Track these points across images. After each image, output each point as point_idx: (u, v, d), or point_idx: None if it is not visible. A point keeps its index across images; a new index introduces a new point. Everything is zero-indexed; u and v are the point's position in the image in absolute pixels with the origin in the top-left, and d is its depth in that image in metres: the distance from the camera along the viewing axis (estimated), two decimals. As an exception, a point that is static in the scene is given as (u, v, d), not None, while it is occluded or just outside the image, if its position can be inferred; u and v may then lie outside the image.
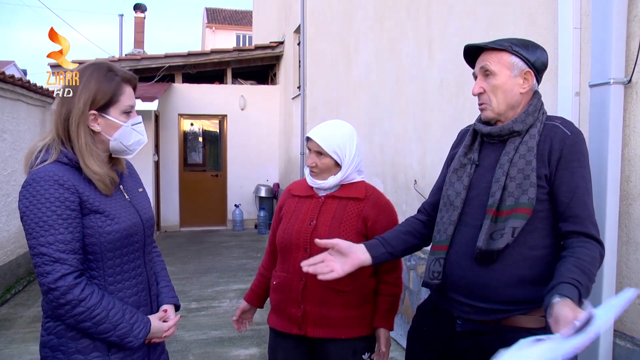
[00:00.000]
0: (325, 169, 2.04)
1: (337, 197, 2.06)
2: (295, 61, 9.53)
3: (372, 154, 5.19)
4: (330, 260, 1.72)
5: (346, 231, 1.99)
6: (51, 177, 1.48)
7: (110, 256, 1.57)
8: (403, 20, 4.40)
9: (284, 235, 2.06)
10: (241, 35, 29.23)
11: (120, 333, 1.53)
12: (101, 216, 1.55)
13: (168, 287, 1.85)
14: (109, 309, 1.51)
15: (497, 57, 1.62)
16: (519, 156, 1.57)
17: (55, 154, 1.53)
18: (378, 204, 2.07)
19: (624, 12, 1.96)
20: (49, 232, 1.45)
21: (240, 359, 4.02)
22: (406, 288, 4.23)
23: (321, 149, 2.00)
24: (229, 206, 10.70)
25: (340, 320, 1.98)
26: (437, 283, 1.68)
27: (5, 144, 5.97)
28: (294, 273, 2.01)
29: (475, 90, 1.68)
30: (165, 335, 1.69)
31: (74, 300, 1.45)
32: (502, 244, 1.52)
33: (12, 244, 6.17)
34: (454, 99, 3.51)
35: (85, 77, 1.56)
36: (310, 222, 2.03)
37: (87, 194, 1.53)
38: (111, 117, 1.58)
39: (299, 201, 2.12)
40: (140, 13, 15.99)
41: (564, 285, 1.37)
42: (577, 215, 1.52)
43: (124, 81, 1.61)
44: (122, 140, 1.61)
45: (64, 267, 1.45)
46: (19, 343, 4.35)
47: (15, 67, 28.56)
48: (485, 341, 1.59)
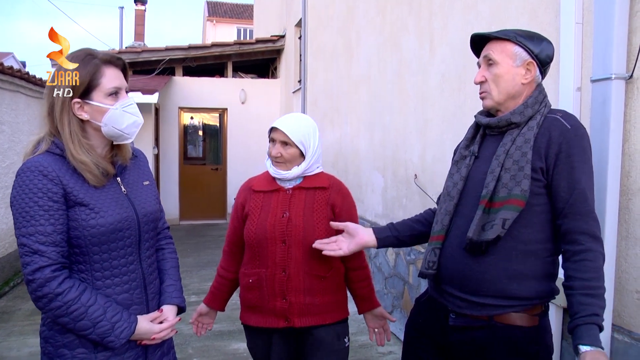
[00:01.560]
0: (290, 159, 2.06)
1: (305, 188, 2.10)
2: (296, 55, 9.51)
3: (372, 148, 5.19)
4: (341, 241, 1.90)
5: (319, 219, 2.04)
6: (36, 168, 1.46)
7: (97, 250, 1.52)
8: (404, 14, 4.39)
9: (257, 230, 2.03)
10: (242, 28, 29.15)
11: (100, 331, 1.47)
12: (85, 209, 1.50)
13: (173, 287, 1.76)
14: (87, 305, 1.46)
15: (500, 47, 1.63)
16: (515, 148, 1.56)
17: (45, 145, 1.52)
18: (341, 190, 2.15)
19: (626, 7, 1.95)
20: (30, 223, 1.43)
21: (240, 352, 4.03)
22: (406, 282, 4.24)
23: (288, 139, 2.03)
24: (229, 200, 10.69)
25: (323, 306, 2.04)
26: (432, 273, 1.69)
27: (3, 136, 5.96)
28: (274, 267, 2.01)
29: (477, 79, 1.68)
30: (155, 337, 1.60)
31: (50, 294, 1.42)
32: (492, 234, 1.52)
33: (11, 237, 6.17)
34: (455, 93, 3.50)
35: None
36: (283, 214, 2.04)
37: (71, 186, 1.49)
38: (95, 102, 1.53)
39: (264, 196, 2.11)
40: (141, 5, 15.97)
41: (588, 327, 1.40)
42: (578, 211, 1.50)
43: (104, 63, 1.54)
44: (113, 124, 1.55)
45: (42, 260, 1.42)
46: (17, 336, 4.36)
47: (14, 58, 28.51)
48: (478, 336, 1.60)
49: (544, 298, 1.60)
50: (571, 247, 1.50)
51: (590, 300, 1.44)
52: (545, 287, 1.58)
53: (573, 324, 1.43)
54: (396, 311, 4.42)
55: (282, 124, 2.05)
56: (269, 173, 2.14)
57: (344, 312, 2.14)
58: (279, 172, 2.08)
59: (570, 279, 1.49)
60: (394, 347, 4.14)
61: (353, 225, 1.93)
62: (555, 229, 1.57)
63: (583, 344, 1.38)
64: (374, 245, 1.91)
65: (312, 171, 2.12)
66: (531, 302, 1.57)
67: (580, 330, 1.41)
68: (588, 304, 1.43)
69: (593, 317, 1.42)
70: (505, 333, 1.56)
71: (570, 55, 2.25)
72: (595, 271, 1.47)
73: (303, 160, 2.07)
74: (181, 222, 10.43)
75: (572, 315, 1.46)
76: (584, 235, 1.49)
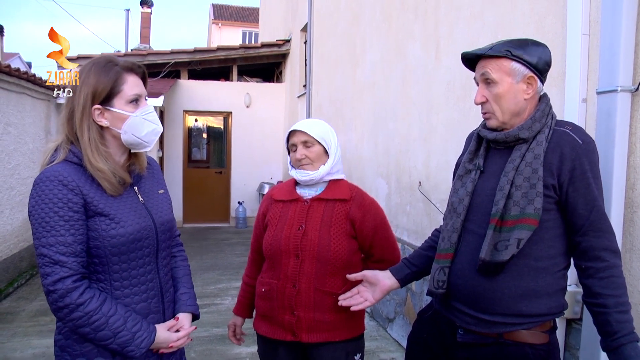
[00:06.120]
0: (315, 158, 2.03)
1: (324, 200, 2.04)
2: (301, 60, 9.53)
3: (376, 154, 5.19)
4: (364, 291, 1.87)
5: (336, 234, 1.98)
6: (56, 177, 1.44)
7: (116, 260, 1.52)
8: (410, 22, 4.40)
9: (273, 242, 2.01)
10: (247, 32, 29.23)
11: (120, 341, 1.47)
12: (106, 219, 1.50)
13: (187, 295, 1.76)
14: (108, 316, 1.46)
15: (497, 65, 1.56)
16: (525, 164, 1.52)
17: (63, 153, 1.50)
18: (363, 204, 2.05)
19: (633, 19, 1.95)
20: (50, 233, 1.42)
21: (242, 356, 4.03)
22: (409, 289, 4.23)
23: (308, 137, 2.01)
24: (233, 203, 10.72)
25: (333, 323, 1.97)
26: (441, 292, 1.66)
27: (10, 137, 5.99)
28: (285, 280, 1.98)
29: (478, 100, 1.62)
30: (172, 346, 1.61)
31: (71, 304, 1.41)
32: (507, 255, 1.48)
33: (16, 238, 6.19)
34: (460, 102, 3.51)
35: (85, 73, 1.53)
36: (299, 227, 1.99)
37: (92, 195, 1.48)
38: (116, 109, 1.53)
39: (283, 206, 2.08)
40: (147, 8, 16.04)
41: (634, 346, 1.41)
42: (599, 228, 1.49)
43: (126, 70, 1.55)
44: (133, 132, 1.55)
45: (63, 270, 1.41)
46: (21, 337, 4.37)
47: (20, 59, 28.62)
48: (486, 353, 1.58)
49: (555, 314, 1.58)
50: (594, 264, 1.49)
51: (626, 317, 1.44)
52: (556, 303, 1.57)
53: (616, 343, 1.42)
54: (399, 318, 4.42)
55: (299, 125, 2.03)
56: (292, 181, 2.12)
57: (358, 328, 2.07)
58: (307, 173, 2.02)
59: (600, 297, 1.47)
60: (396, 353, 4.14)
61: (370, 273, 1.88)
62: (569, 243, 1.55)
63: None
64: (397, 287, 1.88)
65: (336, 173, 2.07)
66: (542, 318, 1.55)
67: (626, 350, 1.40)
68: (626, 322, 1.43)
69: (634, 335, 1.42)
70: (514, 350, 1.54)
71: (576, 67, 2.25)
72: (623, 287, 1.47)
73: (327, 158, 2.05)
74: (185, 224, 10.45)
75: (611, 334, 1.44)
76: (606, 251, 1.48)
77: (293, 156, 2.05)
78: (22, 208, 6.23)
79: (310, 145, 2.02)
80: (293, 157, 2.05)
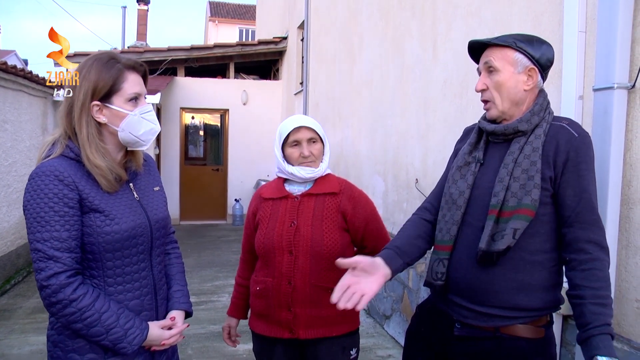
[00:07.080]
0: (318, 156, 2.03)
1: (314, 195, 2.03)
2: (298, 57, 9.52)
3: (373, 152, 5.20)
4: (355, 284, 1.57)
5: (328, 228, 1.98)
6: (52, 172, 1.43)
7: (110, 257, 1.51)
8: (408, 19, 4.40)
9: (265, 241, 2.00)
10: (244, 29, 29.16)
11: (112, 338, 1.47)
12: (100, 215, 1.49)
13: (181, 292, 1.76)
14: (101, 312, 1.45)
15: (500, 54, 1.59)
16: (524, 156, 1.54)
17: (60, 148, 1.50)
18: (352, 196, 2.05)
19: (629, 17, 1.96)
20: (45, 228, 1.41)
21: (239, 353, 4.03)
22: (405, 286, 4.24)
23: (314, 134, 2.01)
24: (229, 201, 10.72)
25: (330, 318, 1.97)
26: (440, 284, 1.67)
27: (6, 135, 5.97)
28: (280, 277, 1.97)
29: (479, 87, 1.65)
30: (164, 343, 1.60)
31: (64, 300, 1.41)
32: (502, 245, 1.50)
33: (12, 235, 6.18)
34: (457, 99, 3.51)
35: (86, 68, 1.52)
36: (291, 223, 1.98)
37: (87, 191, 1.47)
38: (115, 107, 1.52)
39: (273, 204, 2.06)
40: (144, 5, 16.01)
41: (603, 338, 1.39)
42: (585, 220, 1.49)
43: (127, 68, 1.54)
44: (131, 130, 1.54)
45: (57, 265, 1.41)
46: (19, 334, 4.37)
47: (16, 56, 28.55)
48: (482, 347, 1.59)
49: (551, 308, 1.59)
50: (578, 255, 1.49)
51: (601, 309, 1.43)
52: (552, 297, 1.58)
53: (587, 334, 1.42)
54: (395, 315, 4.43)
55: (305, 121, 2.01)
56: (279, 179, 2.10)
57: (354, 323, 2.07)
58: (312, 170, 2.01)
59: (578, 288, 1.47)
60: (393, 350, 4.15)
61: (367, 260, 1.60)
62: (560, 237, 1.56)
63: (600, 355, 1.38)
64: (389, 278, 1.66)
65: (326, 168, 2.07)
66: (538, 313, 1.56)
67: (595, 341, 1.40)
68: (600, 314, 1.42)
69: (606, 327, 1.41)
70: (510, 344, 1.55)
71: (573, 64, 2.26)
72: (604, 280, 1.46)
73: (323, 155, 2.06)
74: (181, 222, 10.44)
75: (583, 325, 1.44)
76: (590, 244, 1.48)
77: (294, 153, 2.01)
78: (18, 205, 6.21)
79: (314, 141, 2.02)
80: (294, 153, 2.01)
